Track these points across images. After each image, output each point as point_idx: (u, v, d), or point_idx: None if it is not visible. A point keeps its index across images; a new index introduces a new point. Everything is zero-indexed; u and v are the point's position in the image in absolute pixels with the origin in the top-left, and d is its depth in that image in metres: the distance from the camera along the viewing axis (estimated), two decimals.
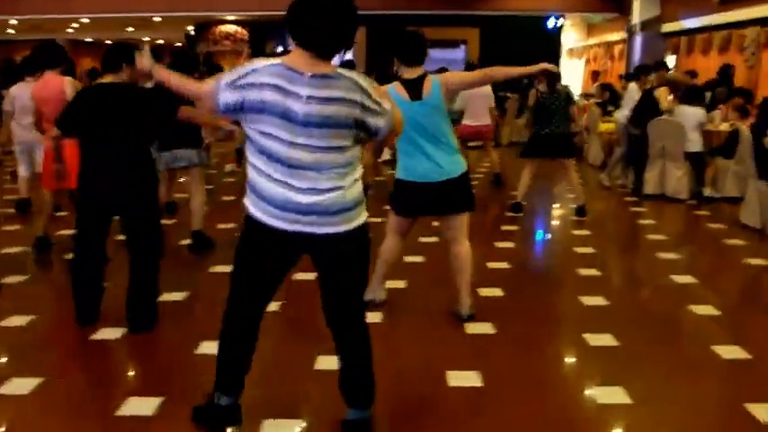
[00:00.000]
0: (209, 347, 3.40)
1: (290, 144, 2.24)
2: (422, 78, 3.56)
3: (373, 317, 3.80)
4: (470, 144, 8.27)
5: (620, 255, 5.60)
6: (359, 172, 2.40)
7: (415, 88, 3.55)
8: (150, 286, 3.66)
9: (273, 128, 2.24)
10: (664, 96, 7.49)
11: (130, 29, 20.23)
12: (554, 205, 7.40)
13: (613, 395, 2.96)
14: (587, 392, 3.00)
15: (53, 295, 4.42)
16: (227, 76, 2.28)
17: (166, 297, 4.11)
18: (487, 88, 7.78)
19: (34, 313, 3.91)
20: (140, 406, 2.86)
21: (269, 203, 2.30)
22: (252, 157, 2.32)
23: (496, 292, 4.33)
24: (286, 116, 2.22)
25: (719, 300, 4.26)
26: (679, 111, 7.45)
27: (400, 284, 4.42)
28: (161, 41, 23.03)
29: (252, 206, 2.36)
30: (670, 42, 13.16)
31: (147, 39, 22.37)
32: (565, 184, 6.70)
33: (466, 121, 7.90)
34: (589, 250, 5.39)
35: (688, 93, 7.67)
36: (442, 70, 10.16)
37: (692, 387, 3.09)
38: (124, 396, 2.94)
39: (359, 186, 2.38)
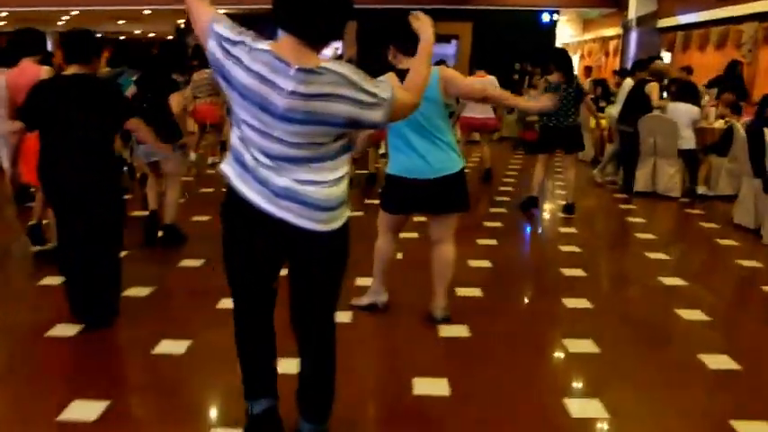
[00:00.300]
0: (168, 347, 3.23)
1: (264, 134, 2.06)
2: None
3: (342, 316, 3.60)
4: (472, 139, 8.04)
5: (607, 254, 5.39)
6: (344, 169, 2.18)
7: None
8: (109, 279, 3.46)
9: (248, 115, 2.07)
10: (655, 92, 7.27)
11: (121, 21, 19.98)
12: (542, 201, 7.16)
13: (589, 408, 2.75)
14: (562, 405, 2.78)
15: (11, 289, 4.20)
16: (222, 27, 2.07)
17: (131, 292, 3.92)
18: (492, 79, 7.54)
19: None
20: (84, 410, 2.66)
21: (249, 174, 2.10)
22: (235, 127, 2.14)
23: (475, 292, 4.12)
24: (264, 107, 2.04)
25: (709, 304, 4.05)
26: (672, 107, 7.25)
27: (370, 282, 4.20)
28: (152, 34, 22.75)
29: (234, 178, 2.13)
30: (665, 38, 12.96)
31: (138, 31, 22.11)
32: (559, 179, 6.45)
33: (470, 114, 7.67)
34: (575, 249, 5.18)
35: (682, 89, 7.47)
36: (440, 63, 9.96)
37: (674, 401, 2.87)
38: (70, 398, 2.73)
39: (343, 185, 2.16)
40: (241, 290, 2.29)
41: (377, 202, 3.77)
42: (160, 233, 5.01)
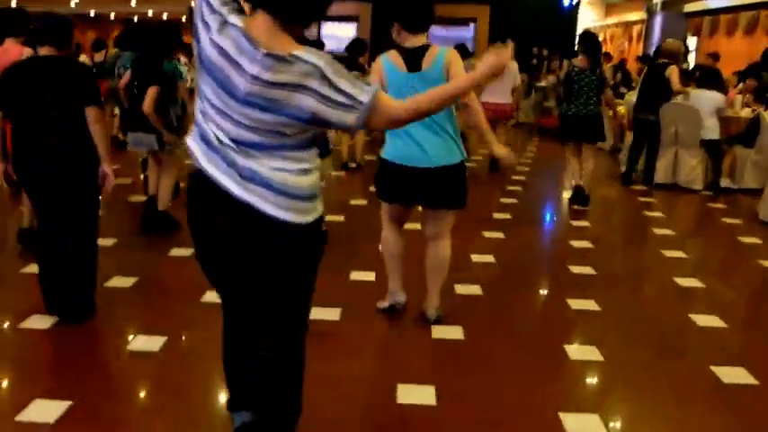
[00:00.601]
0: (143, 343, 3.05)
1: (225, 115, 1.86)
2: (424, 48, 3.07)
3: (330, 313, 3.40)
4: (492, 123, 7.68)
5: (621, 251, 5.08)
6: (312, 162, 1.95)
7: (414, 58, 3.06)
8: (86, 269, 3.28)
9: (210, 91, 1.87)
10: (675, 75, 6.82)
11: (133, 2, 19.81)
12: (555, 192, 6.88)
13: (588, 425, 2.51)
14: (558, 420, 2.54)
15: None
16: None
17: (114, 282, 3.75)
18: (513, 64, 7.20)
19: None
20: (43, 410, 2.50)
21: (216, 153, 1.88)
22: (198, 99, 1.94)
23: (475, 289, 3.88)
24: (226, 87, 1.84)
25: (728, 309, 3.77)
26: (695, 95, 6.88)
27: (367, 276, 3.99)
28: (165, 15, 22.57)
29: (201, 155, 1.90)
30: (692, 23, 12.49)
31: (150, 12, 21.94)
32: (575, 168, 6.14)
33: (485, 98, 7.33)
34: (586, 245, 4.91)
35: (705, 75, 7.09)
36: (461, 48, 9.59)
37: (681, 419, 2.62)
38: (32, 396, 2.56)
39: (312, 178, 1.93)
40: (215, 282, 2.06)
41: None
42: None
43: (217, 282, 2.06)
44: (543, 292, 4.03)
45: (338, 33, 13.06)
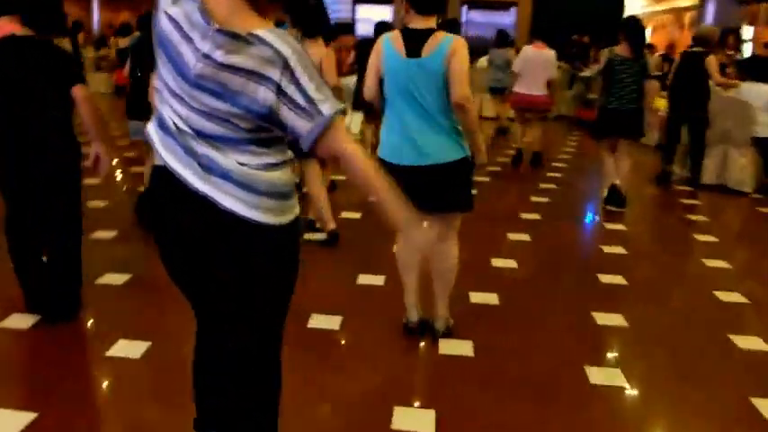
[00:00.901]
0: (124, 349, 2.85)
1: (180, 99, 1.61)
2: (428, 33, 2.75)
3: (329, 321, 3.15)
4: (527, 116, 7.27)
5: (657, 259, 4.62)
6: (282, 155, 1.69)
7: (416, 42, 2.75)
8: (69, 267, 3.11)
9: (165, 70, 1.63)
10: (713, 66, 6.27)
11: None
12: (591, 191, 6.46)
13: None
14: None
15: None
16: None
17: (105, 279, 3.58)
18: (551, 54, 6.77)
19: None
20: (6, 422, 2.31)
21: (174, 140, 1.63)
22: (156, 78, 1.72)
23: (492, 298, 3.57)
24: (177, 66, 1.59)
25: None
26: (746, 88, 6.36)
27: (375, 281, 3.72)
28: None
29: (158, 143, 1.66)
30: (748, 10, 11.73)
31: None
32: (610, 166, 5.74)
33: (519, 89, 6.93)
34: (619, 251, 4.53)
35: (757, 66, 6.54)
36: (502, 35, 9.00)
37: None
38: None
39: (283, 173, 1.67)
40: (183, 285, 1.81)
41: None
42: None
43: (184, 285, 1.81)
44: (567, 302, 3.68)
45: (372, 17, 12.65)
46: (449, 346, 2.99)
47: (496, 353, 2.98)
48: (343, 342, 3.05)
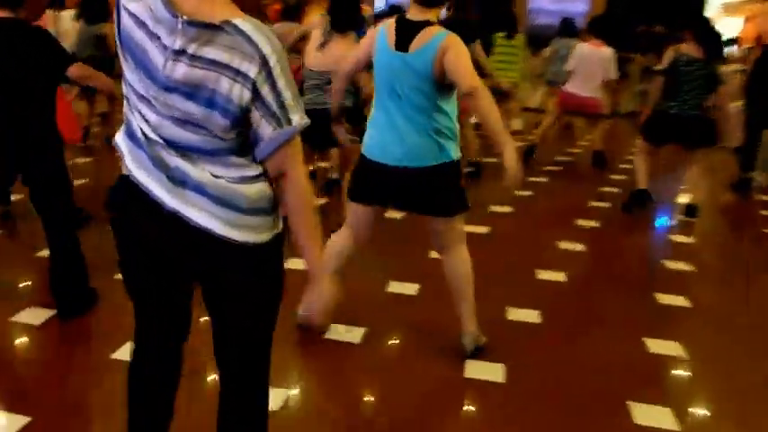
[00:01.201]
0: (127, 352, 2.68)
1: (149, 104, 1.44)
2: (421, 25, 2.49)
3: (350, 334, 2.93)
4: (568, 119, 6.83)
5: (728, 279, 4.11)
6: (261, 166, 1.49)
7: (406, 33, 2.50)
8: (72, 265, 3.00)
9: (130, 73, 1.46)
10: None
11: None
12: (658, 197, 5.96)
13: None
14: None
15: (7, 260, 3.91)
16: None
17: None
18: (608, 52, 6.24)
19: None
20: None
21: (143, 151, 1.47)
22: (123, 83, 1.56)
23: (532, 316, 3.25)
24: (144, 67, 1.42)
25: None
26: None
27: (407, 289, 3.45)
28: None
29: (127, 154, 1.50)
30: None
31: None
32: (642, 165, 5.24)
33: (570, 88, 6.46)
34: (684, 267, 4.09)
35: None
36: (566, 25, 8.44)
37: None
38: None
39: (261, 187, 1.48)
40: (139, 303, 1.66)
41: None
42: None
43: (141, 293, 1.65)
44: (618, 326, 3.30)
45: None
46: (476, 370, 2.71)
47: (530, 382, 2.66)
48: (360, 358, 2.81)
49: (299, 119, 1.43)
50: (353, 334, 2.95)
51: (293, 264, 2.31)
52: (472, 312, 2.78)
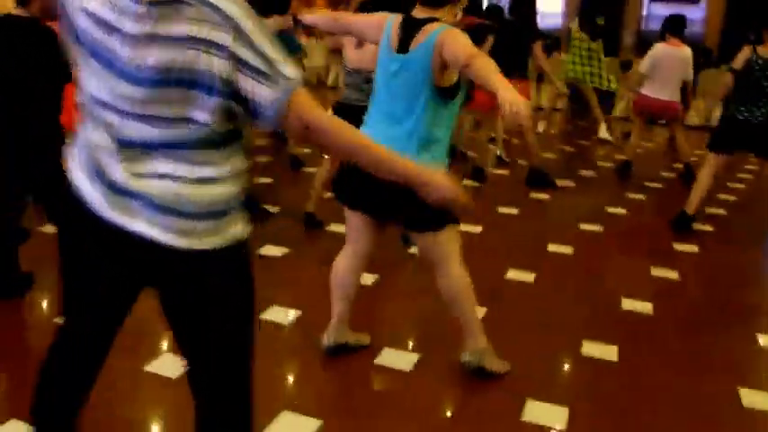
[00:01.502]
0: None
1: (112, 107, 1.37)
2: (425, 22, 2.35)
3: (402, 359, 2.74)
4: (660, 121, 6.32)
5: None
6: (229, 165, 1.40)
7: (407, 32, 2.37)
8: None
9: (90, 77, 1.39)
10: None
11: None
12: (734, 221, 5.34)
13: None
14: None
15: None
16: None
17: None
18: (687, 52, 5.75)
19: None
20: None
21: (86, 158, 1.44)
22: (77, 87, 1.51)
23: (610, 352, 2.92)
24: (110, 65, 1.34)
25: None
26: None
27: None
28: None
29: (72, 162, 1.49)
30: None
31: None
32: (706, 183, 4.69)
33: (647, 92, 5.97)
34: None
35: None
36: (676, 19, 7.77)
37: None
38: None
39: (224, 188, 1.40)
40: (71, 313, 1.60)
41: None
42: None
43: (82, 300, 1.58)
44: (710, 369, 2.89)
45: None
46: (536, 411, 2.44)
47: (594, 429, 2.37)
48: (410, 389, 2.61)
49: (290, 69, 1.31)
50: (405, 359, 2.75)
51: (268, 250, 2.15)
52: (475, 328, 2.56)
